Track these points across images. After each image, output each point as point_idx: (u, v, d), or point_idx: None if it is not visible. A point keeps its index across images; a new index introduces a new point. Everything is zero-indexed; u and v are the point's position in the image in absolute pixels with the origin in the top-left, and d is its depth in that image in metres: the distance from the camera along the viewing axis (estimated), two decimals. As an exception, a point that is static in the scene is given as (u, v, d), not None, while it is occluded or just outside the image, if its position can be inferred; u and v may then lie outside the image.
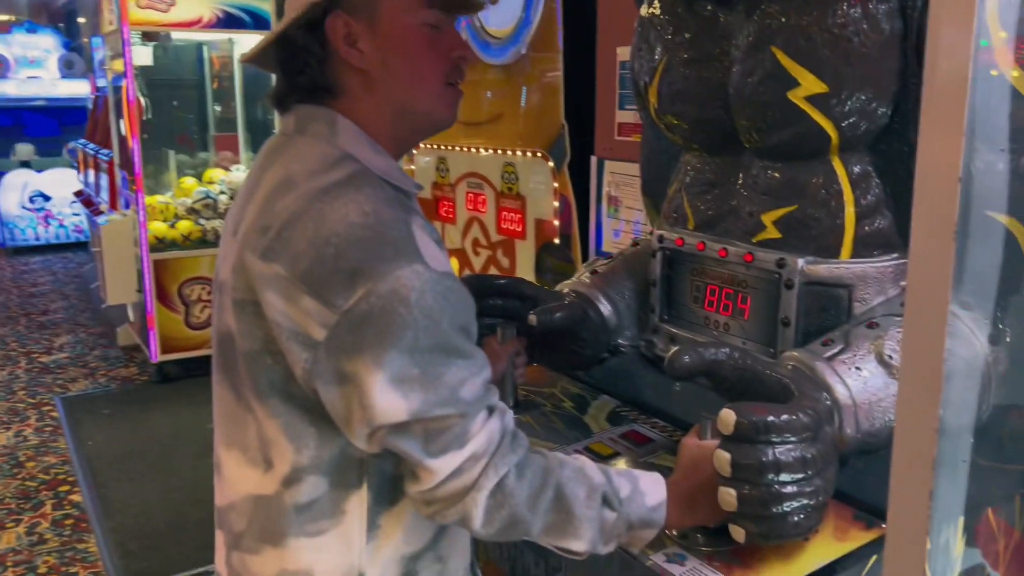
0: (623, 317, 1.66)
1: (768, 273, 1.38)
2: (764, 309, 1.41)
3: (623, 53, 2.31)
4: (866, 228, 1.30)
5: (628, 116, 2.28)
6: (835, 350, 1.21)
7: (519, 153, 2.87)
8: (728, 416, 1.04)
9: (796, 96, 1.27)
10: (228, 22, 5.14)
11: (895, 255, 1.31)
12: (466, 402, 1.00)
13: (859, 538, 1.12)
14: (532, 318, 1.52)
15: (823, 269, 1.32)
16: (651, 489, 1.10)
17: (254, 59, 1.17)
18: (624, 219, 2.34)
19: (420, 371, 0.97)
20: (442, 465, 1.00)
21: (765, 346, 1.41)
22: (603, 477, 1.08)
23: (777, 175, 1.37)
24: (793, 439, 1.03)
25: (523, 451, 1.05)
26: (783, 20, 1.28)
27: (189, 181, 5.63)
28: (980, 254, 0.75)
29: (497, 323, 1.58)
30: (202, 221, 5.25)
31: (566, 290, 1.68)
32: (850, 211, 1.30)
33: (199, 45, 6.06)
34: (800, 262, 1.33)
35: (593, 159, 2.42)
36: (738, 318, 1.46)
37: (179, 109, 6.08)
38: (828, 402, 1.15)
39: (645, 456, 1.40)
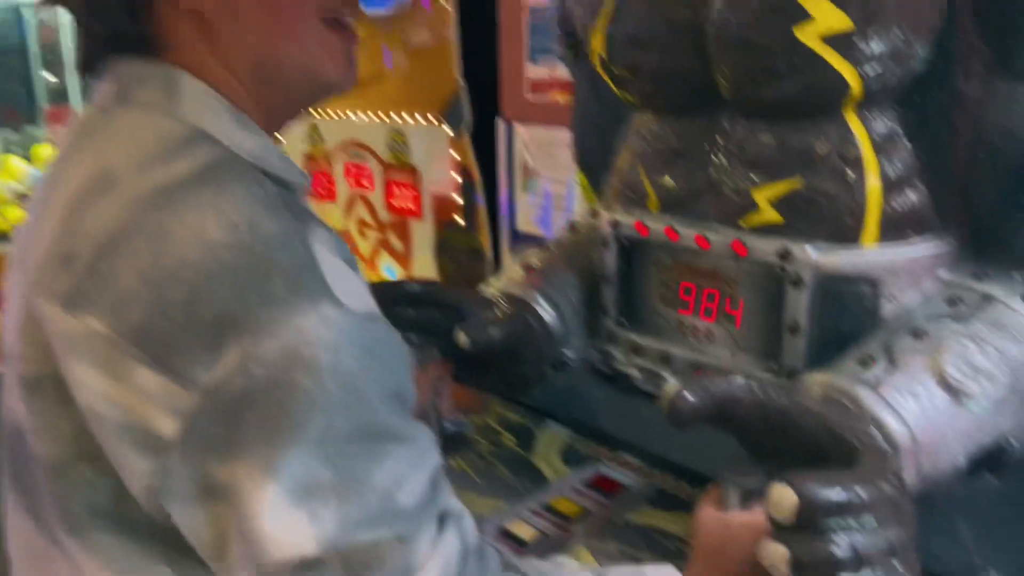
0: (569, 323, 1.33)
1: (767, 267, 1.07)
2: (762, 313, 1.10)
3: (530, -5, 1.95)
4: (894, 205, 1.01)
5: (542, 71, 1.93)
6: (879, 371, 0.92)
7: (408, 118, 2.48)
8: (784, 496, 0.72)
9: (807, 34, 0.95)
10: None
11: (932, 237, 1.02)
12: (407, 513, 0.66)
13: (944, 632, 0.83)
14: (462, 337, 1.16)
15: (841, 260, 1.02)
16: None
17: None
18: (541, 192, 2.01)
19: (335, 474, 0.63)
20: None
21: (764, 360, 1.11)
22: None
23: (772, 139, 1.06)
24: (873, 519, 0.73)
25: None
26: (788, -69, 0.95)
27: (16, 161, 4.88)
28: None
29: (411, 340, 1.22)
30: (35, 208, 4.56)
31: (495, 293, 1.33)
32: (873, 183, 1.00)
33: (16, 7, 5.26)
34: (811, 251, 1.03)
35: (500, 123, 2.07)
36: (725, 324, 1.15)
37: (-3, 78, 5.28)
38: (886, 446, 0.85)
39: (622, 512, 1.08)
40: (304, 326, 0.62)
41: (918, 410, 0.88)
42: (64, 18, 5.13)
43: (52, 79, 5.43)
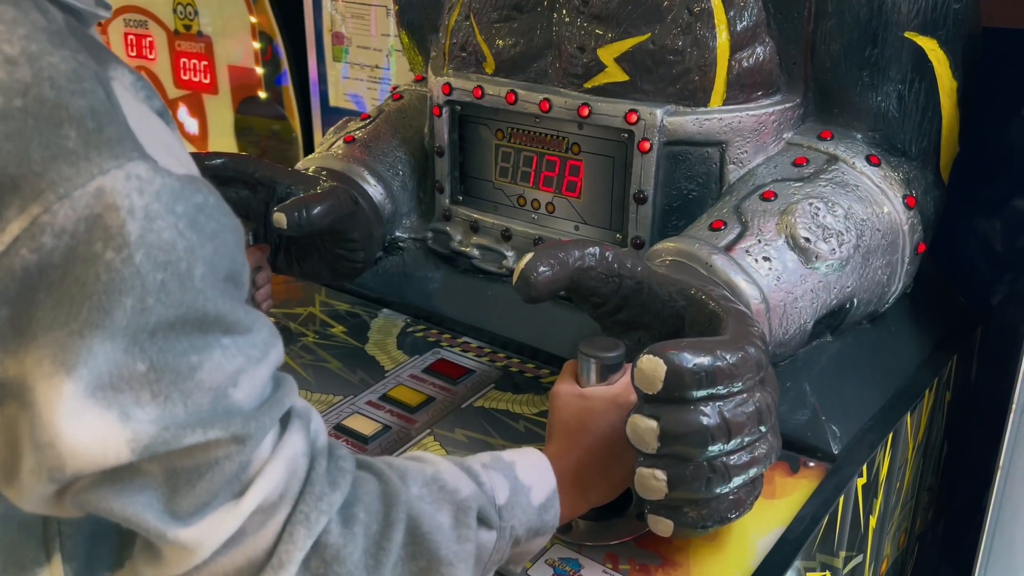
0: (399, 201, 1.22)
1: (613, 132, 1.01)
2: (606, 181, 1.05)
3: None
4: (743, 62, 0.97)
5: (351, -79, 1.72)
6: (731, 236, 0.89)
7: (195, -22, 2.17)
8: (652, 366, 0.68)
9: None
10: None
11: (778, 97, 0.99)
12: (244, 412, 0.56)
13: (794, 489, 0.84)
14: (280, 217, 1.02)
15: (690, 122, 0.97)
16: (535, 478, 0.72)
17: None
18: (355, 63, 1.82)
19: (150, 367, 0.52)
20: (205, 533, 0.56)
21: (610, 231, 1.06)
22: (470, 482, 0.68)
23: (618, -9, 0.97)
24: (740, 386, 0.70)
25: (347, 479, 0.61)
26: None
27: None
28: None
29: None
30: None
31: (313, 168, 1.19)
32: (723, 39, 0.95)
33: None
34: (660, 114, 0.97)
35: (305, -18, 1.84)
36: (566, 195, 1.08)
37: None
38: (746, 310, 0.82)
39: (467, 397, 1.02)
40: (107, 187, 0.49)
41: (770, 273, 0.86)
42: None
43: None
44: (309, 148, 2.09)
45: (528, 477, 0.72)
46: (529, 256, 0.80)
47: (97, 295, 0.49)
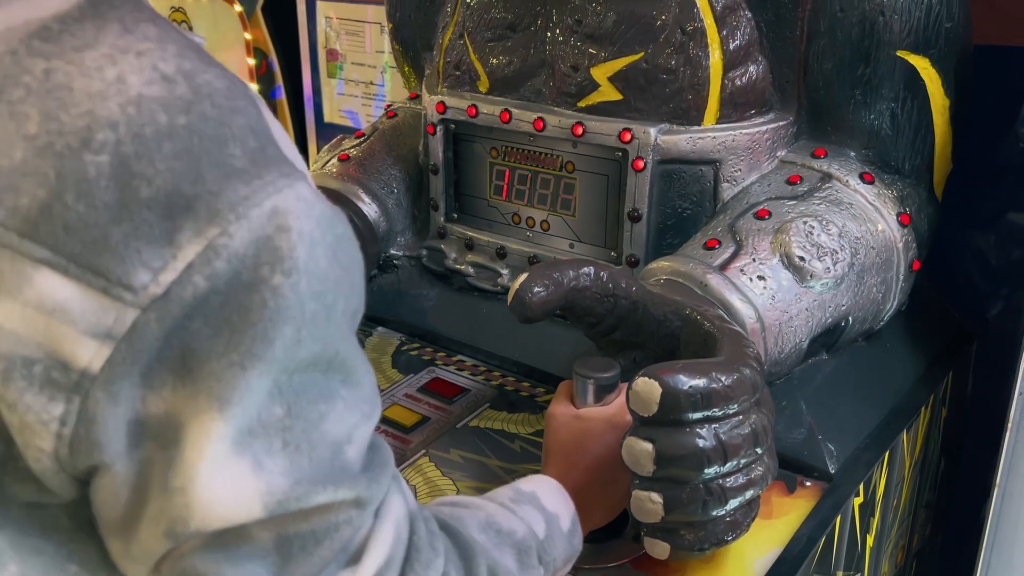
0: (394, 219, 1.22)
1: (607, 150, 1.01)
2: (600, 199, 1.05)
3: None
4: (736, 80, 0.97)
5: (345, -61, 1.72)
6: (726, 254, 0.89)
7: (190, -5, 2.17)
8: (647, 388, 0.68)
9: None
10: None
11: (771, 115, 0.99)
12: (354, 473, 0.51)
13: (791, 509, 0.84)
14: (273, 238, 1.01)
15: (684, 141, 0.97)
16: (559, 505, 0.72)
17: None
18: (350, 79, 1.83)
19: (288, 410, 0.47)
20: None
21: (604, 250, 1.06)
22: (519, 521, 0.67)
23: (611, 11, 0.98)
24: (736, 407, 0.70)
25: (441, 541, 0.59)
26: None
27: None
28: None
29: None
30: None
31: (308, 187, 1.18)
32: (716, 58, 0.95)
33: None
34: (653, 133, 0.97)
35: (300, 0, 1.84)
36: (561, 213, 1.08)
37: None
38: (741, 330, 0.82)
39: (462, 416, 1.01)
40: (280, 207, 0.45)
41: (765, 292, 0.86)
42: None
43: None
44: (303, 162, 2.09)
45: (553, 506, 0.71)
46: (524, 276, 0.80)
47: (263, 323, 0.44)
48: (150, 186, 0.43)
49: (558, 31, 1.03)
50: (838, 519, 0.84)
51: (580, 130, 1.01)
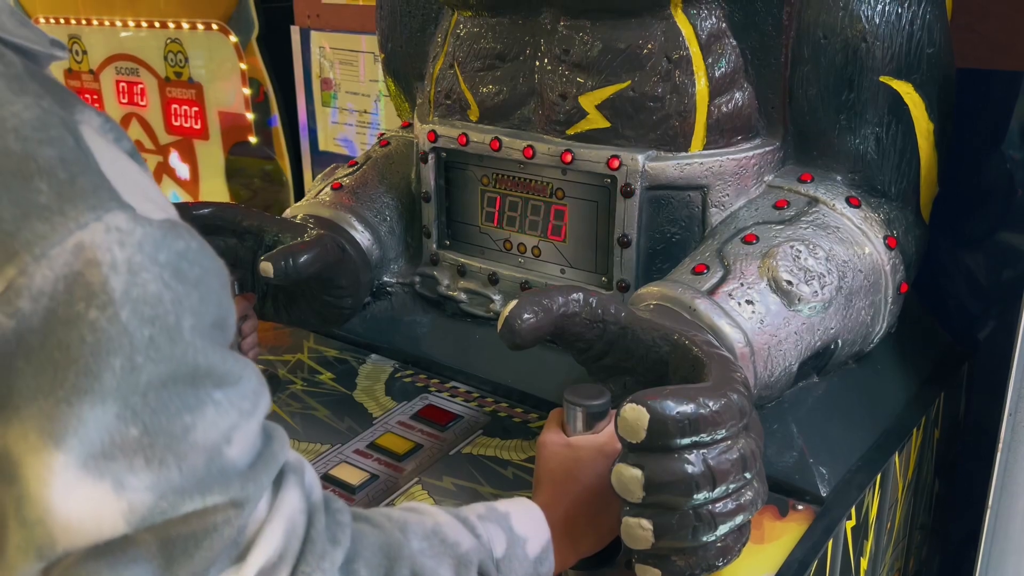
0: (387, 246, 1.22)
1: (596, 177, 1.02)
2: (590, 225, 1.06)
3: None
4: (722, 107, 0.98)
5: (338, -29, 1.75)
6: (714, 279, 0.89)
7: (186, 26, 2.20)
8: (635, 415, 0.68)
9: (635, -79, 0.88)
10: None
11: (757, 140, 1.00)
12: (240, 472, 0.53)
13: (783, 533, 0.84)
14: (267, 267, 1.03)
15: (671, 167, 0.98)
16: (530, 529, 0.72)
17: None
18: (344, 108, 1.84)
19: (143, 431, 0.49)
20: None
21: (595, 275, 1.06)
22: (468, 534, 0.67)
23: (598, 40, 0.99)
24: (724, 433, 0.70)
25: (347, 534, 0.60)
26: None
27: None
28: None
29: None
30: None
31: (301, 215, 1.19)
32: (702, 85, 0.97)
33: None
34: (641, 159, 0.98)
35: (294, 30, 1.87)
36: (551, 239, 1.09)
37: None
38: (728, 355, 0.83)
39: (455, 443, 1.01)
40: (86, 242, 0.46)
41: (753, 316, 0.87)
42: None
43: None
44: (299, 190, 2.11)
45: (523, 529, 0.71)
46: (513, 304, 0.81)
47: (83, 358, 0.47)
48: None
49: (546, 60, 1.04)
50: (830, 543, 0.84)
51: (569, 157, 1.02)
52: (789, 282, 0.88)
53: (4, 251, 0.46)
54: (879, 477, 0.93)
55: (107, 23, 2.43)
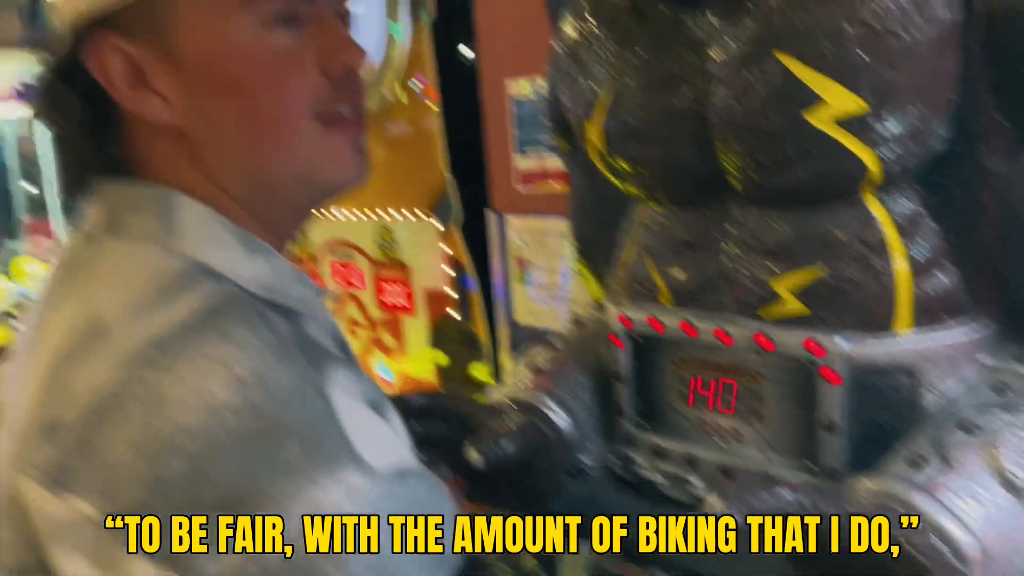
0: (584, 428, 1.25)
1: (795, 361, 1.01)
2: (791, 409, 1.04)
3: (513, 87, 1.93)
4: (926, 289, 0.95)
5: (531, 162, 1.90)
6: (931, 471, 0.84)
7: (395, 214, 2.44)
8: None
9: (819, 118, 0.91)
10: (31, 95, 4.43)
11: (969, 320, 0.96)
12: None
13: None
14: (473, 454, 1.08)
15: (875, 349, 0.96)
16: None
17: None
18: (539, 284, 1.95)
19: None
20: None
21: (798, 459, 1.03)
22: None
23: (788, 227, 1.01)
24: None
25: None
26: (790, 15, 0.92)
27: (-5, 277, 4.80)
28: None
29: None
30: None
31: (503, 399, 1.25)
32: (901, 267, 0.95)
33: (-7, 121, 5.25)
34: (842, 342, 0.96)
35: (490, 215, 2.02)
36: (750, 420, 1.08)
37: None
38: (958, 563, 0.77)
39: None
40: (322, 500, 0.53)
41: (983, 515, 0.80)
42: (42, 129, 5.11)
43: (32, 190, 5.39)
44: (496, 359, 2.21)
45: None
46: (718, 501, 0.80)
47: None
48: (212, 487, 0.52)
49: (735, 246, 1.07)
50: None
51: (765, 340, 1.02)
52: (1019, 476, 0.81)
53: (254, 508, 0.52)
54: None
55: (327, 212, 2.74)
